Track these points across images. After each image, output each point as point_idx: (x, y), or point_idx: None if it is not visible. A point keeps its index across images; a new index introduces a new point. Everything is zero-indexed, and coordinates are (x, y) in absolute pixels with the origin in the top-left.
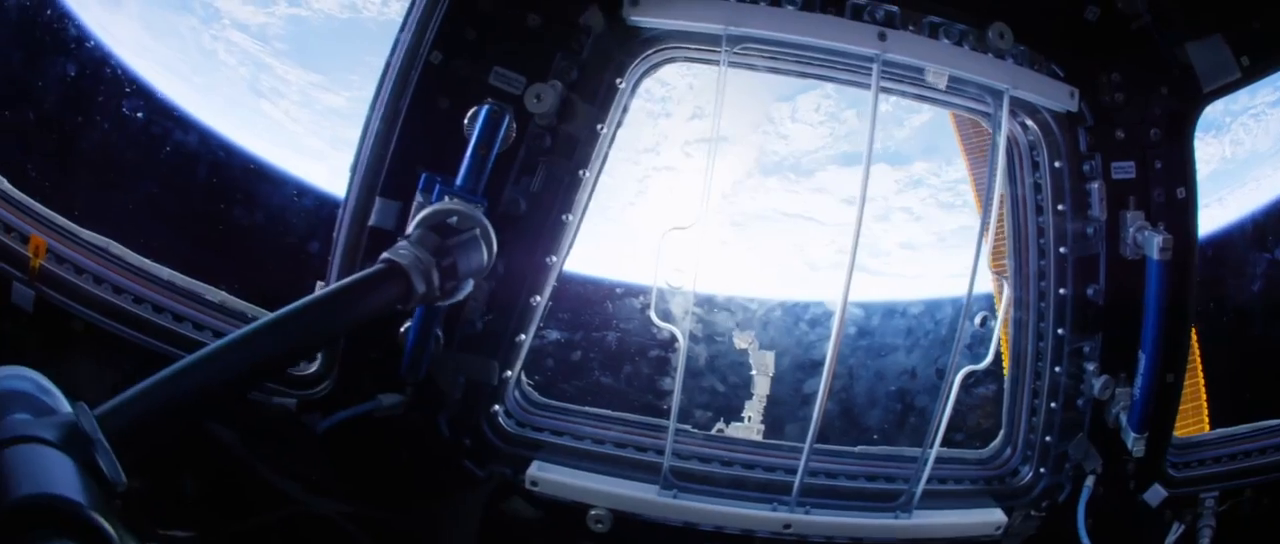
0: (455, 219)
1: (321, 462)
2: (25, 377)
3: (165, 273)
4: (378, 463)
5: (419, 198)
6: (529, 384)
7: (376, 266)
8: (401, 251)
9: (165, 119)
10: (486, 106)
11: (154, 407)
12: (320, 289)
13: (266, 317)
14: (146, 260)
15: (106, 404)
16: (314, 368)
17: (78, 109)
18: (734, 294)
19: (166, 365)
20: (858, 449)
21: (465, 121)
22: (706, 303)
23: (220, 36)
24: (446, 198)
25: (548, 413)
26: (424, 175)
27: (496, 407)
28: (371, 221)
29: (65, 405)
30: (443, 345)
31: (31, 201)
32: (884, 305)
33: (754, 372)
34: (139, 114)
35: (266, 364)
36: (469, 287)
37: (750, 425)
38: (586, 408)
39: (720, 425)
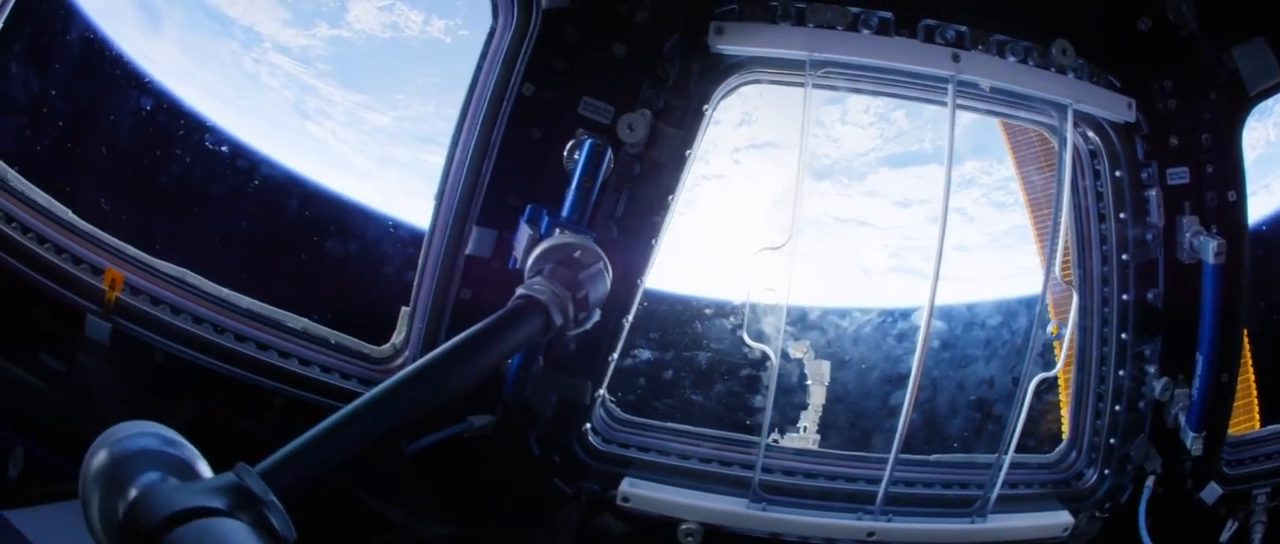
0: (579, 253)
1: (412, 484)
2: (147, 432)
3: (245, 302)
4: (468, 483)
5: (527, 229)
6: (611, 401)
7: (516, 303)
8: (537, 287)
9: (214, 143)
10: (589, 141)
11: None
12: (404, 314)
13: (417, 363)
14: (224, 289)
15: (265, 462)
16: None
17: (127, 138)
18: (800, 305)
19: (254, 395)
20: (934, 457)
21: (565, 154)
22: (769, 315)
23: (262, 60)
24: (557, 230)
25: (633, 430)
26: (530, 207)
27: (587, 424)
28: (468, 250)
29: (198, 456)
30: (541, 367)
31: (100, 233)
32: (942, 311)
33: (809, 381)
34: (186, 140)
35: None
36: (597, 316)
37: (806, 435)
38: (669, 424)
39: (774, 435)
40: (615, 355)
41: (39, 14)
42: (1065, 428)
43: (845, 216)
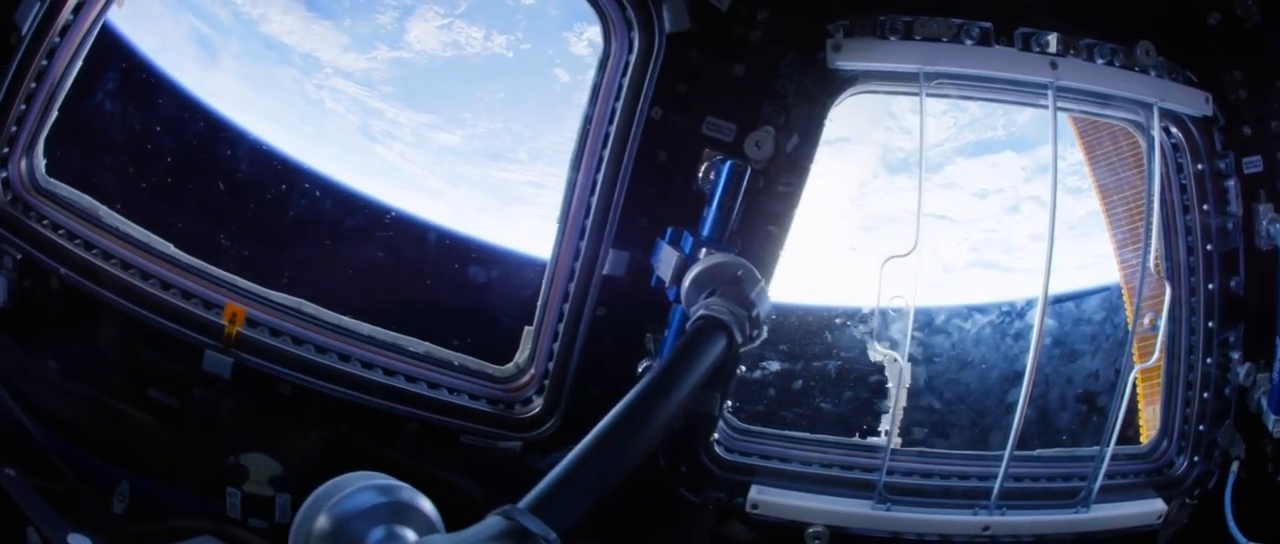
0: (741, 271)
1: None
2: (362, 486)
3: (365, 328)
4: None
5: (670, 250)
6: (729, 411)
7: (699, 324)
8: (715, 307)
9: (280, 169)
10: (730, 162)
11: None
12: (527, 333)
13: (630, 396)
14: (342, 317)
15: (528, 501)
16: (536, 410)
17: (188, 167)
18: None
19: (386, 421)
20: (1037, 452)
21: (700, 174)
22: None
23: (324, 85)
24: (701, 250)
25: (754, 438)
26: (670, 229)
27: (713, 435)
28: (605, 271)
29: (418, 495)
30: None
31: (207, 266)
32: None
33: (891, 384)
34: (250, 166)
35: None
36: (765, 333)
37: (889, 439)
38: (787, 432)
39: (856, 437)
40: (740, 366)
41: (100, 55)
42: (1142, 423)
43: (923, 211)
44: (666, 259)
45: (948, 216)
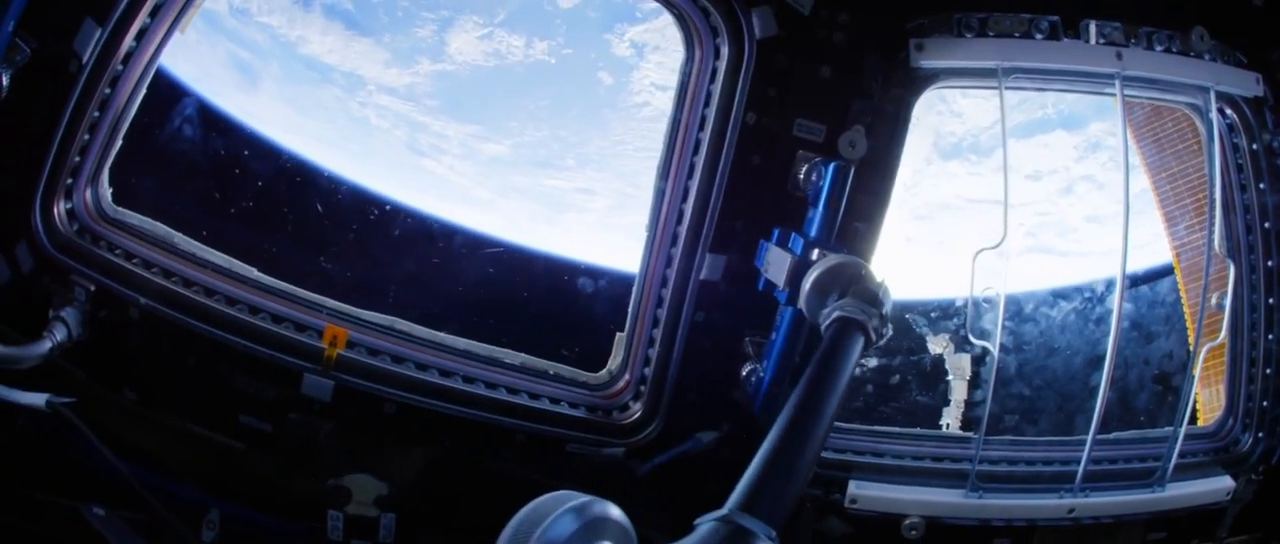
0: (863, 271)
1: (646, 502)
2: (562, 510)
3: (461, 343)
4: (695, 497)
5: (779, 252)
6: None
7: (836, 326)
8: (849, 308)
9: (332, 187)
10: (834, 163)
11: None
12: (619, 340)
13: (794, 399)
14: (438, 332)
15: (737, 499)
16: (635, 416)
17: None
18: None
19: (493, 434)
20: (1112, 435)
21: (800, 176)
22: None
23: (368, 103)
24: (813, 251)
25: (848, 435)
26: (777, 230)
27: None
28: (702, 276)
29: (610, 507)
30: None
31: (297, 289)
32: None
33: (950, 376)
34: (302, 185)
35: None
36: (890, 330)
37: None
38: (875, 427)
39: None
40: None
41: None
42: (1201, 405)
43: (977, 197)
44: (777, 261)
45: (1001, 201)
